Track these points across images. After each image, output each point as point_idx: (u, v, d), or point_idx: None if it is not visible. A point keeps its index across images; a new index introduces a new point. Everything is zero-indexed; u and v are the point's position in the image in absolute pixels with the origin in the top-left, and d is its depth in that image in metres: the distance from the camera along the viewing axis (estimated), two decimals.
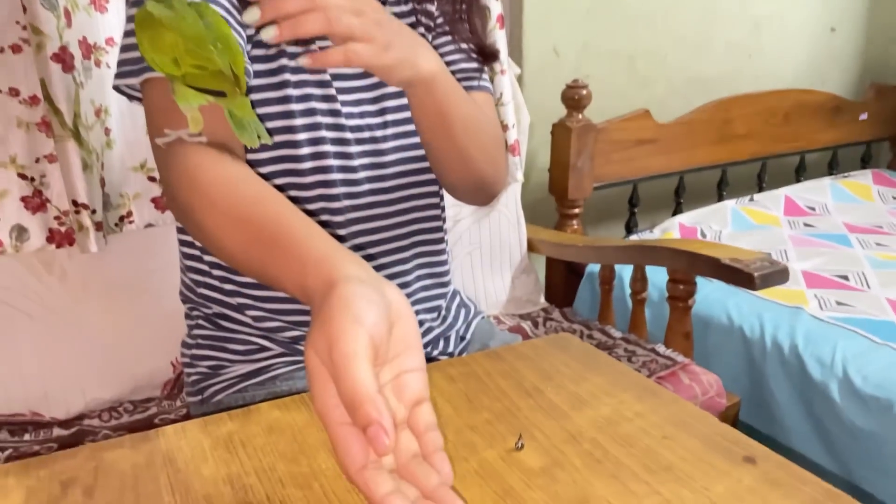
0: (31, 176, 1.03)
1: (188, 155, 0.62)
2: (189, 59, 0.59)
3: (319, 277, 0.47)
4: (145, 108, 0.69)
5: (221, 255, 0.59)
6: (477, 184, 0.81)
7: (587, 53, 1.71)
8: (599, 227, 1.88)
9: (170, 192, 0.64)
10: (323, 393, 0.42)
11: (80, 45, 1.00)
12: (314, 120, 0.75)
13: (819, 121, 2.00)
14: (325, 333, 0.42)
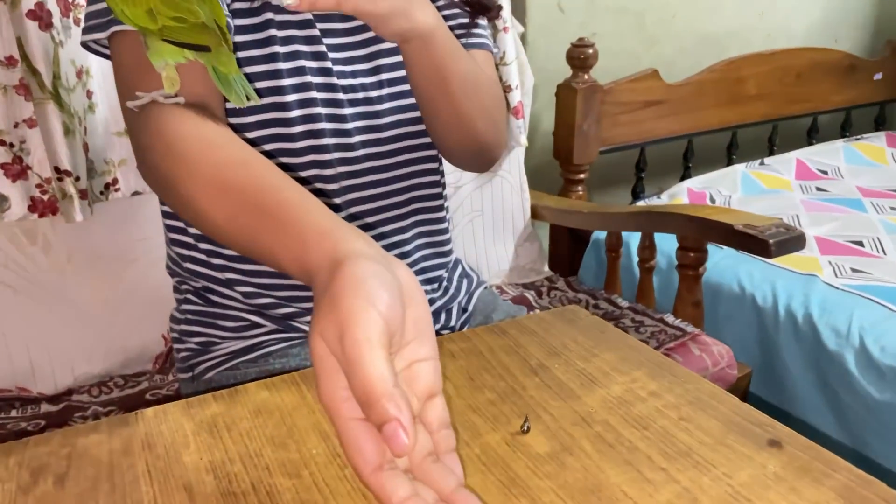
0: (9, 142, 0.98)
1: (163, 118, 0.57)
2: (167, 10, 0.54)
3: (322, 253, 0.42)
4: (114, 65, 0.63)
5: (204, 227, 0.54)
6: (476, 147, 0.76)
7: (593, 10, 1.64)
8: (605, 192, 1.83)
9: (143, 158, 0.59)
10: (331, 385, 0.37)
11: (57, 2, 0.94)
12: (304, 80, 0.70)
13: (832, 81, 1.93)
14: (335, 317, 0.37)
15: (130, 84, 0.60)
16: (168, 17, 0.54)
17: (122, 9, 0.55)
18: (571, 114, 1.51)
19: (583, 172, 1.57)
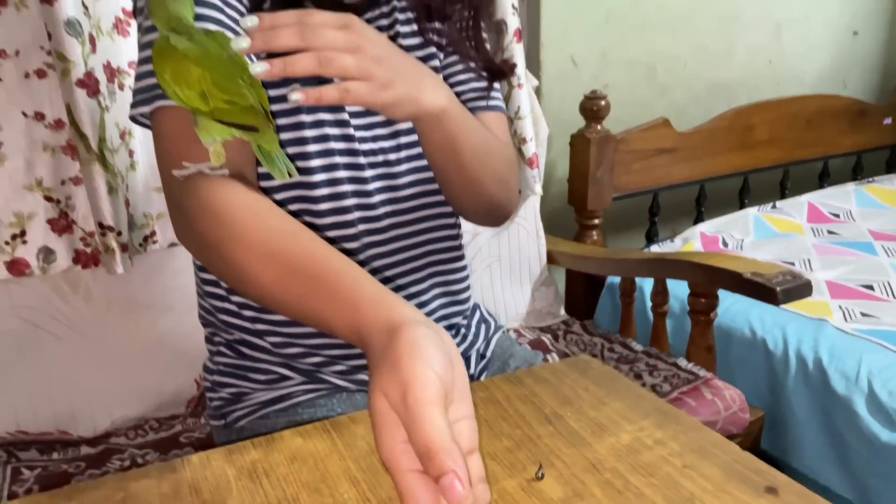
0: (57, 198, 1.05)
1: (210, 187, 0.61)
2: (219, 93, 0.59)
3: (376, 319, 0.47)
4: (156, 135, 0.68)
5: (249, 290, 0.58)
6: (488, 208, 0.81)
7: (606, 62, 1.70)
8: (620, 236, 1.87)
9: (188, 224, 0.63)
10: (391, 438, 0.41)
11: (104, 70, 1.02)
12: (327, 146, 0.75)
13: (842, 125, 1.98)
14: (398, 378, 0.41)
15: (174, 154, 0.64)
16: (220, 99, 0.59)
17: (175, 90, 0.59)
18: (585, 162, 1.56)
19: (597, 218, 1.61)
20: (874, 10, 2.09)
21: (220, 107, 0.59)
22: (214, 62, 0.58)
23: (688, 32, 1.79)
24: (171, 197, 0.66)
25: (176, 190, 0.64)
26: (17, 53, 1.01)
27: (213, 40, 0.60)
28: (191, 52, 0.58)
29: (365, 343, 0.47)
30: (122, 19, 1.05)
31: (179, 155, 0.64)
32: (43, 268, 1.04)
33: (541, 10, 1.57)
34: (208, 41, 0.59)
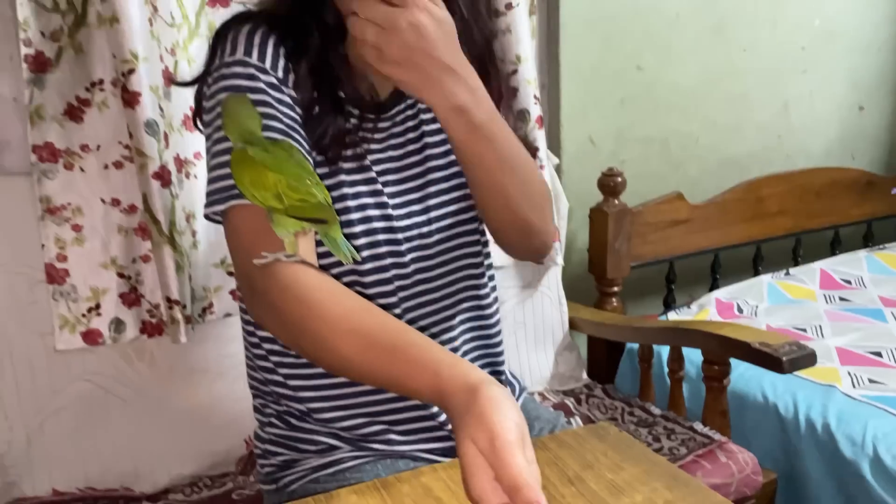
0: (128, 275, 1.17)
1: (288, 272, 0.70)
2: (292, 193, 0.69)
3: (456, 382, 0.58)
4: (231, 230, 0.76)
5: (333, 361, 0.67)
6: (522, 230, 0.87)
7: (622, 140, 1.82)
8: (638, 302, 1.95)
9: (269, 305, 0.71)
10: (481, 479, 0.52)
11: (174, 162, 1.15)
12: (371, 226, 0.85)
13: (852, 196, 2.07)
14: (485, 427, 0.53)
15: (252, 245, 0.72)
16: (293, 199, 0.69)
17: (254, 193, 0.70)
18: (604, 234, 1.66)
19: (616, 286, 1.71)
20: (879, 86, 2.20)
21: (293, 205, 0.69)
22: (286, 168, 0.69)
23: (699, 111, 1.91)
24: (249, 283, 0.74)
25: (255, 276, 0.72)
26: (98, 148, 1.15)
27: (282, 149, 0.71)
28: (266, 161, 0.69)
29: (446, 402, 0.58)
30: (189, 116, 1.19)
31: (257, 246, 0.72)
32: (114, 337, 1.16)
33: (560, 96, 1.70)
34: (278, 150, 0.71)
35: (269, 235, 0.71)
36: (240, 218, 0.75)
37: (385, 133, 0.88)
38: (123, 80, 1.06)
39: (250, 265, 0.72)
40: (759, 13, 1.93)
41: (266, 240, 0.72)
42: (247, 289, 0.76)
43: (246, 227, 0.75)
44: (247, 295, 0.76)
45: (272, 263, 0.71)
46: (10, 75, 1.17)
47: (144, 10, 1.07)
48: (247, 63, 0.77)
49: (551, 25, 1.67)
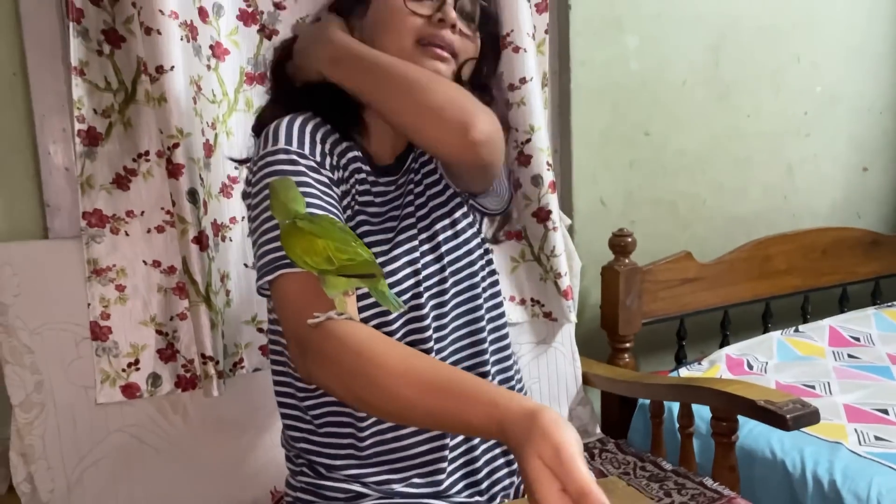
0: (165, 332, 1.25)
1: (342, 329, 0.76)
2: (340, 255, 0.77)
3: (514, 410, 0.65)
4: (282, 297, 0.83)
5: (392, 405, 0.73)
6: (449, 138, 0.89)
7: (631, 201, 1.90)
8: (651, 356, 2.00)
9: (325, 360, 0.76)
10: (550, 489, 0.59)
11: (212, 227, 1.24)
12: (395, 278, 0.96)
13: (858, 255, 2.12)
14: (550, 442, 0.60)
15: (304, 308, 0.79)
16: (342, 259, 0.77)
17: (306, 259, 0.77)
18: (615, 292, 1.73)
19: (628, 342, 1.76)
20: (882, 147, 2.27)
21: (343, 265, 0.77)
22: (332, 234, 0.77)
23: (705, 174, 1.99)
24: (302, 343, 0.79)
25: (309, 336, 0.78)
26: (142, 213, 1.24)
27: (325, 220, 0.80)
28: (314, 230, 0.77)
29: (506, 430, 0.65)
30: (226, 184, 1.28)
31: (308, 308, 0.79)
32: (150, 391, 1.23)
33: (572, 160, 1.79)
34: (322, 220, 0.79)
35: (319, 297, 0.79)
36: (289, 285, 0.82)
37: (388, 196, 0.99)
38: (168, 153, 1.15)
39: (303, 326, 0.78)
40: (761, 81, 2.03)
41: (316, 302, 0.79)
42: (299, 349, 0.80)
43: (295, 293, 0.82)
44: (299, 354, 0.81)
45: (325, 322, 0.78)
46: (63, 147, 1.27)
47: (189, 89, 1.17)
48: (288, 150, 0.87)
49: (562, 95, 1.77)
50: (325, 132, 0.93)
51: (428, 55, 0.92)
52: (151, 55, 1.14)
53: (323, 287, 0.78)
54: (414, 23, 0.92)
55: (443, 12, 0.93)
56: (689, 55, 1.91)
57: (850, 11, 2.13)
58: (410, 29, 0.92)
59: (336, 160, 0.93)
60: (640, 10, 1.81)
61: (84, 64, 1.18)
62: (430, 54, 0.92)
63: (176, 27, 1.14)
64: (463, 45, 0.96)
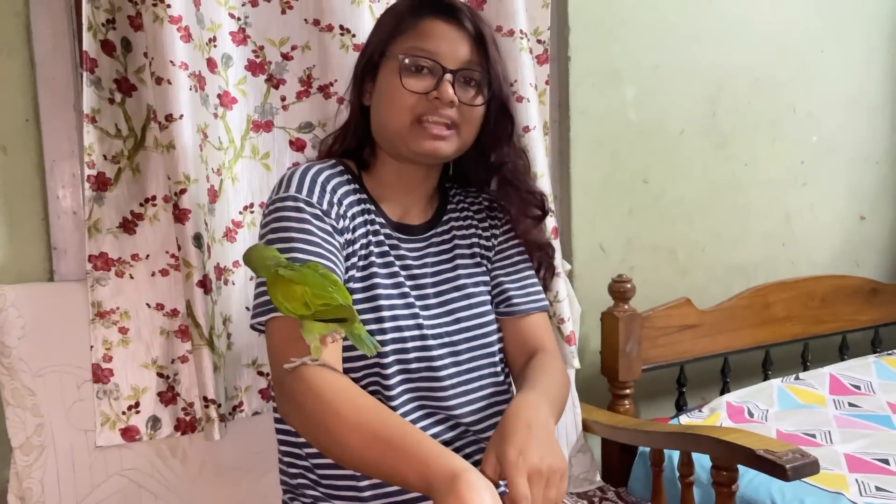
0: (167, 374, 1.26)
1: (312, 375, 0.82)
2: (316, 300, 0.82)
3: (441, 470, 0.68)
4: (270, 339, 0.89)
5: (342, 452, 0.78)
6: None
7: (631, 248, 1.92)
8: (652, 403, 2.00)
9: (294, 403, 0.82)
10: None
11: (215, 270, 1.26)
12: (401, 334, 0.98)
13: (857, 303, 2.13)
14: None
15: (285, 352, 0.86)
16: (317, 304, 0.82)
17: (286, 305, 0.84)
18: (615, 338, 1.73)
19: (629, 388, 1.76)
20: (879, 196, 2.30)
21: (318, 309, 0.82)
22: (310, 280, 0.83)
23: (704, 221, 2.01)
24: (279, 384, 0.86)
25: (284, 378, 0.85)
26: (147, 257, 1.26)
27: (307, 267, 0.85)
28: (294, 277, 0.83)
29: (433, 489, 0.68)
30: (230, 228, 1.31)
31: (288, 352, 0.85)
32: (150, 434, 1.23)
33: (572, 207, 1.82)
34: (304, 269, 0.85)
35: (298, 343, 0.84)
36: (275, 329, 0.89)
37: (420, 252, 1.02)
38: (175, 199, 1.18)
39: (281, 368, 0.84)
40: (758, 131, 2.06)
41: (294, 347, 0.85)
42: (278, 389, 0.87)
43: (279, 337, 0.88)
44: (278, 394, 0.87)
45: (300, 366, 0.84)
46: (72, 191, 1.29)
47: (196, 137, 1.20)
48: (296, 198, 0.92)
49: (563, 143, 1.80)
50: (342, 181, 0.98)
51: (426, 136, 0.96)
52: (161, 104, 1.17)
53: (301, 332, 0.83)
54: (411, 100, 0.95)
55: (439, 91, 0.95)
56: (687, 105, 1.95)
57: (845, 63, 2.18)
58: (408, 107, 0.96)
59: (345, 209, 0.97)
60: (638, 62, 1.86)
61: (96, 112, 1.21)
62: (428, 135, 0.96)
63: (185, 77, 1.17)
64: (468, 115, 0.99)
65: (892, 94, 2.27)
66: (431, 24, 0.98)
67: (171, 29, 1.14)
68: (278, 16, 1.33)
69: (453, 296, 1.05)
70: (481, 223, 1.13)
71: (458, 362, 1.03)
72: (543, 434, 0.85)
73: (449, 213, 1.11)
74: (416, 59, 0.96)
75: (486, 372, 1.07)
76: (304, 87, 1.35)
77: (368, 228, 1.00)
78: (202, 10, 1.24)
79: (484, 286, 1.09)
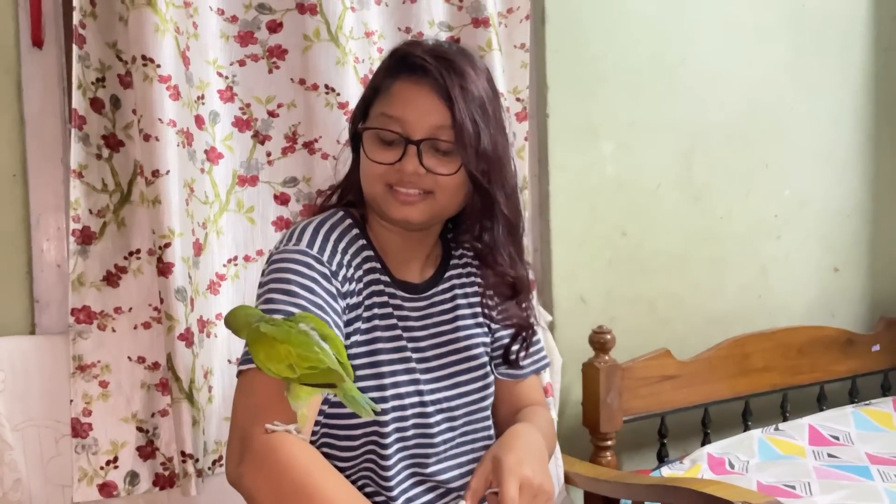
0: (146, 429, 1.25)
1: (292, 450, 0.77)
2: (302, 363, 0.77)
3: None
4: (247, 389, 0.83)
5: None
6: None
7: (611, 299, 1.95)
8: (634, 454, 2.00)
9: (268, 476, 0.77)
10: None
11: (197, 323, 1.26)
12: (401, 402, 0.97)
13: (834, 353, 2.16)
14: None
15: (261, 410, 0.80)
16: (303, 368, 0.77)
17: (269, 366, 0.79)
18: (596, 389, 1.74)
19: (610, 439, 1.76)
20: (852, 248, 2.35)
21: (305, 373, 0.78)
22: (294, 339, 0.78)
23: (682, 273, 2.05)
24: (247, 444, 0.79)
25: (258, 442, 0.78)
26: (129, 310, 1.27)
27: (286, 324, 0.80)
28: (276, 335, 0.78)
29: None
30: (214, 281, 1.32)
31: (271, 413, 0.80)
32: (128, 490, 1.22)
33: (552, 258, 1.85)
34: (287, 324, 0.80)
35: (282, 403, 0.79)
36: (259, 382, 0.83)
37: (422, 311, 1.02)
38: (160, 252, 1.19)
39: (256, 427, 0.79)
40: (732, 184, 2.12)
41: (278, 407, 0.80)
42: (241, 446, 0.80)
43: (261, 391, 0.83)
44: (237, 452, 0.80)
45: (277, 434, 0.79)
46: (56, 244, 1.31)
47: (183, 192, 1.22)
48: (307, 253, 0.92)
49: (542, 197, 1.84)
50: (352, 238, 0.98)
51: (396, 200, 0.95)
52: (148, 160, 1.19)
53: (288, 396, 0.79)
54: (381, 170, 0.95)
55: (402, 164, 0.93)
56: (663, 160, 2.00)
57: (815, 121, 2.26)
58: (378, 175, 0.95)
59: (353, 272, 0.96)
60: (615, 119, 1.92)
61: (83, 167, 1.23)
62: (398, 199, 0.94)
63: (173, 134, 1.20)
64: (441, 182, 0.95)
65: (860, 150, 2.35)
66: (403, 88, 0.95)
67: (160, 87, 1.18)
68: (265, 75, 1.37)
69: (453, 359, 1.04)
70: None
71: (453, 427, 1.03)
72: (539, 456, 0.90)
73: (451, 270, 1.08)
74: (382, 132, 0.95)
75: (480, 436, 1.06)
76: (290, 143, 1.38)
77: (374, 289, 0.99)
78: (191, 70, 1.28)
79: (484, 346, 1.08)
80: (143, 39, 1.17)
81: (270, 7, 1.36)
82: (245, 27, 1.36)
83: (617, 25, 1.91)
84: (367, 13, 1.43)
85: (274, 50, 1.37)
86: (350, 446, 0.96)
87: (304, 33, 1.35)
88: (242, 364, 0.86)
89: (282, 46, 1.37)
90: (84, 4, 1.20)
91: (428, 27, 1.48)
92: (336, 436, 0.96)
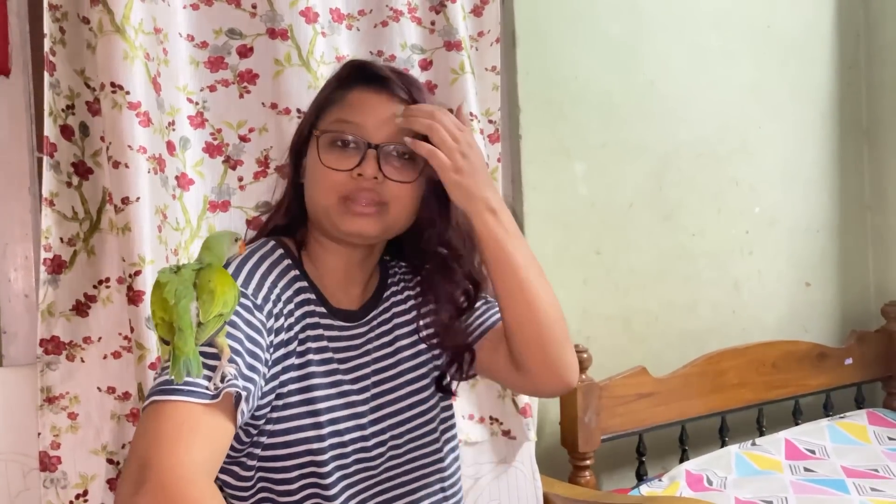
0: (117, 461, 1.23)
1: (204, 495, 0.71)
2: (161, 312, 0.79)
3: None
4: (155, 418, 0.75)
5: None
6: (546, 342, 0.96)
7: (587, 317, 1.95)
8: (613, 473, 2.00)
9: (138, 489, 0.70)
10: None
11: None
12: (341, 439, 0.93)
13: (807, 367, 2.18)
14: None
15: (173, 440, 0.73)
16: (159, 317, 0.79)
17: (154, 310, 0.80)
18: (573, 408, 1.75)
19: (589, 459, 1.76)
20: (822, 264, 2.39)
21: (158, 323, 0.79)
22: (168, 287, 0.79)
23: (656, 290, 2.06)
24: (147, 472, 0.71)
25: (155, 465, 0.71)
26: (99, 339, 1.25)
27: (197, 272, 0.82)
28: (167, 283, 0.79)
29: None
30: None
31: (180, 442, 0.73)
32: None
33: None
34: (188, 273, 0.81)
35: (193, 433, 0.74)
36: (166, 412, 0.76)
37: (361, 339, 0.99)
38: (130, 280, 1.18)
39: (163, 457, 0.72)
40: (704, 203, 2.15)
41: (190, 438, 0.74)
42: (140, 475, 0.72)
43: (174, 422, 0.75)
44: (135, 480, 0.72)
45: (188, 473, 0.72)
46: (23, 274, 1.29)
47: (155, 218, 1.21)
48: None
49: (516, 218, 1.84)
50: (282, 270, 0.94)
51: (351, 213, 0.90)
52: (118, 187, 1.18)
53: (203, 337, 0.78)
54: (336, 178, 0.90)
55: (361, 168, 0.89)
56: (635, 180, 2.03)
57: (782, 140, 2.30)
58: (333, 185, 0.90)
59: (283, 306, 0.91)
60: (587, 140, 1.94)
61: (54, 195, 1.21)
62: (353, 212, 0.90)
63: (144, 161, 1.19)
64: (397, 191, 0.92)
65: (825, 168, 2.39)
66: (359, 96, 0.93)
67: (129, 115, 1.17)
68: (236, 100, 1.37)
69: (395, 384, 1.00)
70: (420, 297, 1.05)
71: (396, 456, 0.98)
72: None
73: (389, 289, 1.04)
74: (338, 134, 0.91)
75: (428, 461, 1.01)
76: (262, 168, 1.38)
77: (307, 322, 0.94)
78: (162, 96, 1.27)
79: (427, 365, 1.03)
80: (111, 66, 1.16)
81: (241, 32, 1.36)
82: (215, 52, 1.35)
83: (587, 48, 1.94)
84: (338, 38, 1.44)
85: (245, 75, 1.37)
86: (288, 490, 0.92)
87: (276, 58, 1.36)
88: (149, 396, 0.79)
89: (252, 71, 1.37)
90: (54, 31, 1.19)
91: (400, 49, 1.48)
92: (272, 479, 0.92)
